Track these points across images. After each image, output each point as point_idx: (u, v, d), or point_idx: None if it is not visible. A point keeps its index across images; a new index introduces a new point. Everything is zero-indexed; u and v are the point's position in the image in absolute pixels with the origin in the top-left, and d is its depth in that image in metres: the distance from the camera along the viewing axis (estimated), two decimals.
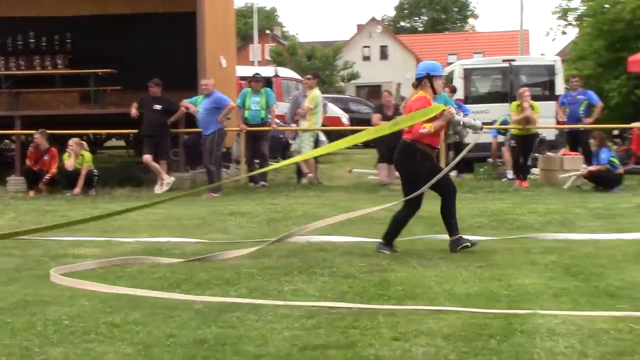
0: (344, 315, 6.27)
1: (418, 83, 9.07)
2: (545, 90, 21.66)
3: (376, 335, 5.68)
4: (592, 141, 16.32)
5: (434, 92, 9.02)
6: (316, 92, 17.69)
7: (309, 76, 18.30)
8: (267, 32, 77.82)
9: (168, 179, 16.44)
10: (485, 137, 19.58)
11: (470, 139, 9.11)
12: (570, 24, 28.90)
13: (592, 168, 15.25)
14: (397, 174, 17.88)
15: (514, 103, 17.18)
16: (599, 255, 8.63)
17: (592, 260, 8.34)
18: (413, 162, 8.97)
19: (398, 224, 9.12)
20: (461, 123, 8.78)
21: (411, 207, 9.11)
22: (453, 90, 19.78)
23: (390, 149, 17.11)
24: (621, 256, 8.59)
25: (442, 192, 9.10)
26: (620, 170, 15.70)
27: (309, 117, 17.41)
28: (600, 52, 24.20)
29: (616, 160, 15.68)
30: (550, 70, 21.67)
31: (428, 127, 8.79)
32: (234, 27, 22.60)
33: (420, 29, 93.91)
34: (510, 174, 17.83)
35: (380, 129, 9.69)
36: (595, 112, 18.69)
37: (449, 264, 8.31)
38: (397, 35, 79.43)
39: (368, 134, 10.43)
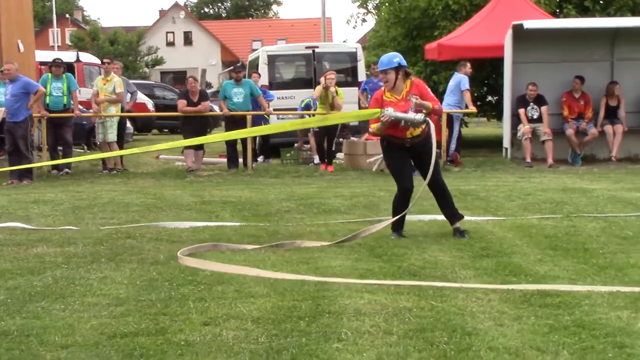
0: (153, 302, 6.23)
1: (396, 72, 8.88)
2: (348, 76, 22.09)
3: (186, 321, 5.68)
4: None
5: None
6: (117, 77, 17.32)
7: (106, 60, 17.87)
8: (67, 16, 75.64)
9: None
10: None
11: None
12: (370, 12, 29.56)
13: None
14: (205, 159, 17.92)
15: (319, 87, 17.45)
16: (400, 236, 8.91)
17: (395, 242, 8.61)
18: (383, 150, 9.21)
19: (395, 209, 9.06)
20: (402, 122, 8.83)
21: (399, 191, 9.05)
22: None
23: (197, 134, 17.11)
24: (422, 237, 8.91)
25: None
26: None
27: (115, 103, 17.05)
28: (398, 39, 24.83)
29: None
30: (353, 57, 22.12)
31: (373, 127, 8.96)
32: (31, 10, 21.83)
33: (224, 15, 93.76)
34: (316, 159, 18.12)
35: (309, 121, 9.51)
36: None
37: (257, 249, 8.38)
38: (201, 21, 79.00)
39: (294, 124, 10.21)
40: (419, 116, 8.68)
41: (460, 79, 17.48)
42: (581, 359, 4.81)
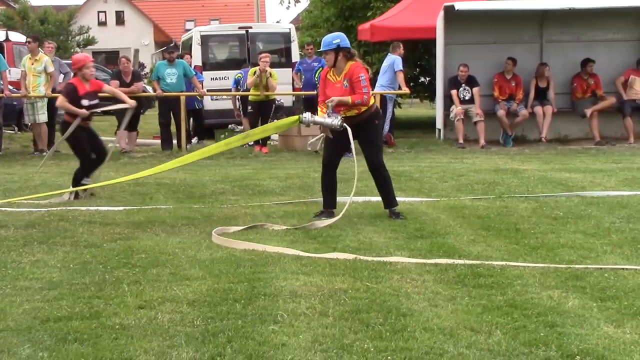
0: (87, 285, 6.18)
1: (336, 53, 8.90)
2: (281, 57, 22.03)
3: (121, 304, 5.64)
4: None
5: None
6: (45, 56, 17.00)
7: (29, 39, 17.47)
8: None
9: None
10: (225, 104, 19.77)
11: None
12: None
13: None
14: (138, 141, 17.75)
15: (252, 69, 17.39)
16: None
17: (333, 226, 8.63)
18: None
19: (322, 185, 9.31)
20: (321, 126, 8.84)
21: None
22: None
23: (133, 117, 16.91)
24: (357, 218, 8.96)
25: None
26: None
27: (45, 83, 16.72)
28: (331, 19, 24.83)
29: None
30: (286, 37, 22.06)
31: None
32: None
33: None
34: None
35: (231, 141, 9.47)
36: None
37: (191, 231, 8.35)
38: (134, 1, 77.98)
39: (219, 147, 10.07)
40: (336, 121, 8.78)
41: (393, 60, 17.57)
42: (514, 339, 4.89)
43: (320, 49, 9.11)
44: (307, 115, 8.86)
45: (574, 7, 17.71)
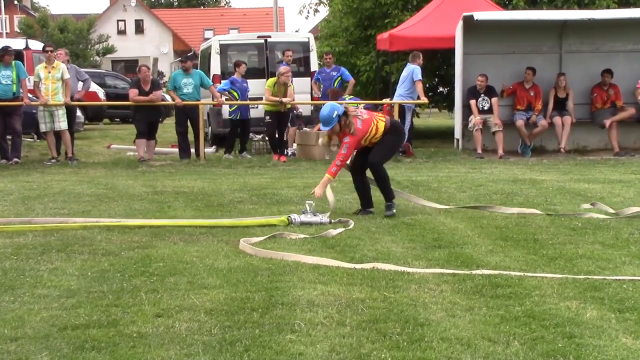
0: (105, 293, 6.19)
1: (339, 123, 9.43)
2: (300, 66, 22.06)
3: (139, 313, 5.65)
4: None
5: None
6: (61, 63, 17.04)
7: (49, 48, 17.45)
8: (16, 2, 74.51)
9: None
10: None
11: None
12: (322, 2, 29.56)
13: None
14: (157, 149, 17.82)
15: (271, 80, 17.44)
16: (354, 228, 8.95)
17: (348, 232, 8.64)
18: None
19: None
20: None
21: None
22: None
23: (150, 125, 17.03)
24: (375, 228, 8.96)
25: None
26: None
27: (62, 91, 16.76)
28: (350, 29, 24.87)
29: None
30: (305, 46, 22.08)
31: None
32: None
33: (175, 3, 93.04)
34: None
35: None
36: (348, 88, 19.36)
37: (210, 239, 8.36)
38: (153, 9, 78.34)
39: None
40: (324, 219, 9.13)
41: (412, 70, 17.58)
42: (531, 349, 4.87)
43: (323, 128, 9.59)
44: (295, 216, 9.14)
45: (593, 18, 17.69)
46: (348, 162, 9.66)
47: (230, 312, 5.65)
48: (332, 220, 9.19)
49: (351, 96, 18.68)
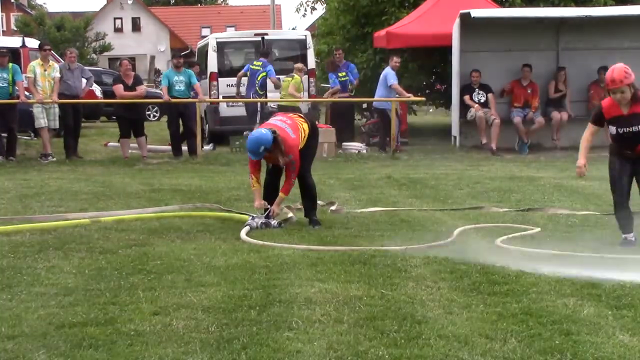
0: (102, 291, 6.19)
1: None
2: (297, 64, 22.02)
3: (136, 311, 5.66)
4: None
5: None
6: (55, 65, 17.05)
7: (48, 47, 17.43)
8: (12, 0, 74.39)
9: None
10: (240, 110, 19.76)
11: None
12: (319, 0, 29.52)
13: None
14: (153, 147, 17.78)
15: (296, 79, 17.73)
16: (350, 225, 8.96)
17: (347, 231, 8.64)
18: None
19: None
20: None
21: None
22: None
23: (133, 123, 16.89)
24: (373, 224, 8.97)
25: None
26: None
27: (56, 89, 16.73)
28: (347, 27, 24.83)
29: None
30: (302, 44, 22.03)
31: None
32: None
33: (172, 1, 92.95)
34: None
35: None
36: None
37: (207, 237, 8.35)
38: (150, 7, 78.21)
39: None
40: (274, 223, 8.92)
41: (385, 74, 17.75)
42: (529, 346, 4.88)
43: (254, 158, 9.01)
44: (255, 220, 8.88)
45: (590, 15, 17.69)
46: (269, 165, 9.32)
47: (228, 309, 5.66)
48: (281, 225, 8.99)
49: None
